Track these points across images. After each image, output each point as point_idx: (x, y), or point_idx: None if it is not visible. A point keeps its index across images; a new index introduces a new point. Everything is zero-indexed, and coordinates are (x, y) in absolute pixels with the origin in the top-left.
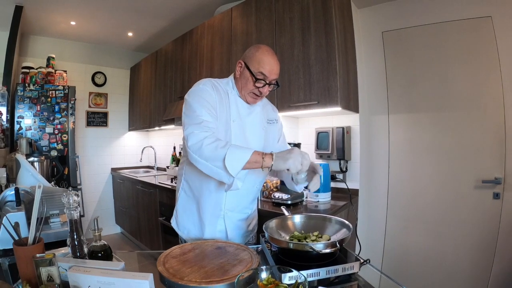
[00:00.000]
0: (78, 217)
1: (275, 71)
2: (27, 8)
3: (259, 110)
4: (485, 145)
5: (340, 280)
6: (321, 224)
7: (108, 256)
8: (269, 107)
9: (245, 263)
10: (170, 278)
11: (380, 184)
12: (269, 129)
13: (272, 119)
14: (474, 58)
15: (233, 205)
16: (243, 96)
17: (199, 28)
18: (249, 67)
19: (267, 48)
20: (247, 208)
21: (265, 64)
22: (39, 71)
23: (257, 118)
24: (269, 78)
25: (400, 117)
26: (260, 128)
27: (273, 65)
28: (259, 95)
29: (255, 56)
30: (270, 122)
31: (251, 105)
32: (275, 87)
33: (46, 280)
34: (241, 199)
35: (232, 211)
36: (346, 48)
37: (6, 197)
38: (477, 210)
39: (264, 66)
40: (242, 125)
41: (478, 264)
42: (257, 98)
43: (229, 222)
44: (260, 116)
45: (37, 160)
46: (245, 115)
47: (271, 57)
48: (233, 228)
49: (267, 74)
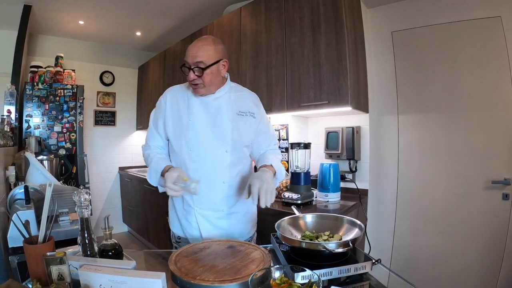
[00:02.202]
0: (89, 216)
1: (192, 54)
2: (36, 7)
3: (225, 103)
4: (494, 145)
5: (351, 280)
6: (332, 224)
7: (119, 255)
8: (242, 97)
9: (257, 262)
10: (183, 277)
11: (390, 184)
12: (240, 121)
13: (246, 111)
14: (483, 58)
15: (201, 203)
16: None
17: (208, 28)
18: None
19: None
20: (219, 206)
21: (187, 51)
22: (47, 70)
23: (221, 113)
24: (190, 63)
25: (410, 117)
26: (226, 120)
27: (191, 49)
28: (193, 83)
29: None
30: (242, 114)
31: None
32: (199, 70)
33: (56, 278)
34: (207, 195)
35: (202, 208)
36: (356, 48)
37: (16, 195)
38: (486, 211)
39: (186, 54)
40: (205, 121)
41: (487, 265)
42: (196, 88)
43: (202, 219)
44: (224, 108)
45: (47, 158)
46: (206, 111)
47: (194, 43)
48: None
49: (187, 60)
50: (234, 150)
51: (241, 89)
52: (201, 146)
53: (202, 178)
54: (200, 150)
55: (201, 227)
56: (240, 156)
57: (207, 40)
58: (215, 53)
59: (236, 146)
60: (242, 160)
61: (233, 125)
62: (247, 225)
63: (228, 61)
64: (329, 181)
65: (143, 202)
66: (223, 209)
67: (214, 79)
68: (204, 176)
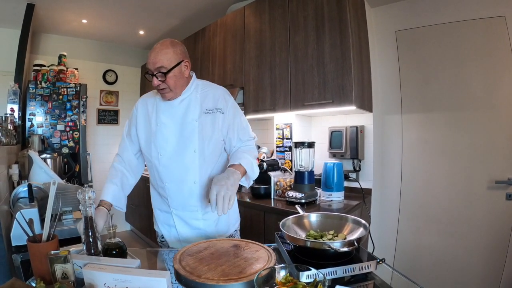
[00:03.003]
0: (93, 214)
1: (152, 59)
2: (39, 6)
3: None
4: (498, 145)
5: (356, 279)
6: (336, 223)
7: (123, 253)
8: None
9: (262, 261)
10: (187, 276)
11: (393, 183)
12: (207, 120)
13: (212, 108)
14: (487, 57)
15: (176, 203)
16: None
17: (212, 26)
18: None
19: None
20: (193, 207)
21: (148, 59)
22: (50, 69)
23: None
24: (151, 70)
25: (413, 116)
26: (192, 120)
27: (152, 55)
28: (158, 88)
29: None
30: (209, 111)
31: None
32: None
33: (60, 277)
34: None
35: (178, 209)
36: (360, 47)
37: (19, 194)
38: (489, 211)
39: (148, 61)
40: (172, 125)
41: (490, 265)
42: (163, 93)
43: (179, 220)
44: (191, 108)
45: (50, 157)
46: (171, 115)
47: (153, 49)
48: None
49: (149, 67)
50: (203, 150)
51: (208, 85)
52: (169, 149)
53: (174, 180)
54: (168, 154)
55: (178, 227)
56: (211, 155)
57: (165, 43)
58: (175, 55)
59: (205, 145)
60: (213, 159)
61: (200, 124)
62: (224, 223)
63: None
64: (333, 180)
65: (145, 201)
66: (197, 209)
67: (178, 82)
68: (175, 178)
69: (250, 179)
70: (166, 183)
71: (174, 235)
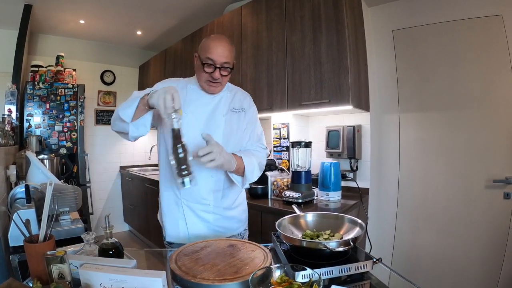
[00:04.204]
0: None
1: (221, 53)
2: (36, 7)
3: (221, 100)
4: (496, 144)
5: (352, 278)
6: (333, 223)
7: (119, 254)
8: (239, 96)
9: (258, 261)
10: (183, 276)
11: (391, 183)
12: (233, 118)
13: (238, 108)
14: (485, 56)
15: (187, 194)
16: (202, 87)
17: (209, 27)
18: (199, 55)
19: (216, 35)
20: (205, 199)
21: (212, 49)
22: (48, 70)
23: (217, 109)
24: (218, 62)
25: (411, 116)
26: (220, 116)
27: (219, 48)
28: (213, 81)
29: (204, 44)
30: (235, 110)
31: (214, 95)
32: (229, 70)
33: (57, 277)
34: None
35: (189, 200)
36: (357, 47)
37: (16, 194)
38: (487, 210)
39: (211, 51)
40: (200, 116)
41: (488, 264)
42: (214, 85)
43: (189, 211)
44: (221, 105)
45: (47, 157)
46: (201, 106)
47: (218, 42)
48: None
49: (214, 58)
50: (225, 146)
51: (235, 87)
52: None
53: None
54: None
55: (187, 219)
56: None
57: (228, 41)
58: (233, 55)
59: (227, 141)
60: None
61: (226, 120)
62: (233, 221)
63: (237, 62)
64: (330, 180)
65: (144, 201)
66: (209, 203)
67: (228, 79)
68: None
69: (246, 180)
70: None
71: (183, 230)
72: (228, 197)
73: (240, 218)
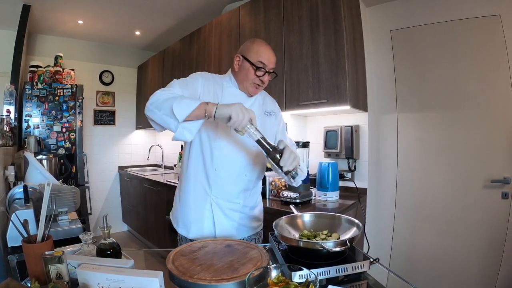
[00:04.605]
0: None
1: (272, 59)
2: (35, 7)
3: (257, 102)
4: (494, 144)
5: (349, 279)
6: (330, 223)
7: (117, 254)
8: (268, 99)
9: (255, 261)
10: (180, 276)
11: (389, 183)
12: (266, 121)
13: (270, 111)
14: (483, 56)
15: (219, 192)
16: (244, 88)
17: (207, 27)
18: (248, 58)
19: (262, 40)
20: (236, 198)
21: (263, 54)
22: (46, 70)
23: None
24: (268, 67)
25: (409, 116)
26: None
27: (270, 54)
28: (261, 85)
29: (252, 47)
30: (267, 114)
31: (249, 97)
32: (274, 76)
33: (55, 277)
34: (227, 186)
35: (219, 197)
36: (355, 47)
37: (15, 195)
38: (485, 210)
39: (263, 56)
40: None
41: (486, 264)
42: (258, 88)
43: (217, 209)
44: (257, 108)
45: (46, 158)
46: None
47: (269, 48)
48: (221, 217)
49: (266, 63)
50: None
51: (263, 91)
52: (229, 136)
53: (226, 168)
54: (227, 140)
55: (215, 216)
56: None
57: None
58: None
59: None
60: (262, 159)
61: (260, 123)
62: (255, 219)
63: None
64: (328, 180)
65: (142, 202)
66: (239, 201)
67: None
68: (229, 166)
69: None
70: (217, 169)
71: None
72: (254, 196)
73: (259, 217)
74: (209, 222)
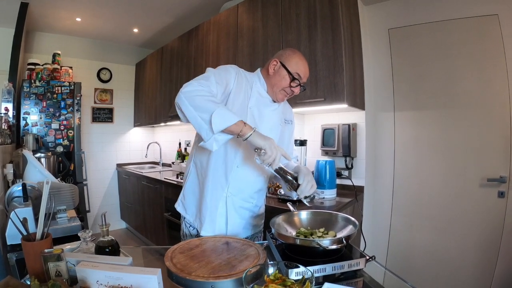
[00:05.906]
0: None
1: (307, 75)
2: (33, 4)
3: (280, 109)
4: (490, 143)
5: (345, 276)
6: (327, 221)
7: (116, 251)
8: (287, 107)
9: (252, 258)
10: (178, 273)
11: (386, 181)
12: (286, 129)
13: (289, 119)
14: (480, 56)
15: (236, 189)
16: (272, 93)
17: (205, 25)
18: (287, 66)
19: (301, 53)
20: (251, 198)
21: (302, 67)
22: (44, 68)
23: (276, 115)
24: (302, 80)
25: (406, 114)
26: (278, 124)
27: (307, 69)
28: (290, 94)
29: (292, 58)
30: (287, 122)
31: (273, 102)
32: (303, 90)
33: (54, 275)
34: (245, 185)
35: (235, 195)
36: (352, 45)
37: (14, 193)
38: (481, 208)
39: (301, 68)
40: (259, 116)
41: (482, 262)
42: (286, 96)
43: (231, 206)
44: (279, 114)
45: (44, 156)
46: (264, 107)
47: (306, 63)
48: (234, 215)
49: (302, 76)
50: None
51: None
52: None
53: (247, 166)
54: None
55: (229, 214)
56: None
57: None
58: None
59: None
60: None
61: (281, 130)
62: (259, 218)
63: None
64: (325, 178)
65: (141, 199)
66: (253, 201)
67: None
68: (253, 166)
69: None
70: (238, 166)
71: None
72: (263, 196)
73: (263, 215)
74: (221, 220)
